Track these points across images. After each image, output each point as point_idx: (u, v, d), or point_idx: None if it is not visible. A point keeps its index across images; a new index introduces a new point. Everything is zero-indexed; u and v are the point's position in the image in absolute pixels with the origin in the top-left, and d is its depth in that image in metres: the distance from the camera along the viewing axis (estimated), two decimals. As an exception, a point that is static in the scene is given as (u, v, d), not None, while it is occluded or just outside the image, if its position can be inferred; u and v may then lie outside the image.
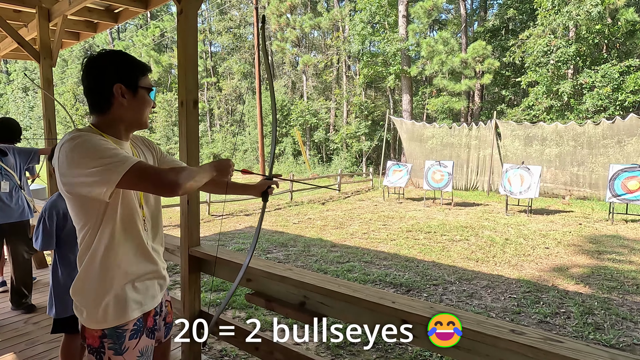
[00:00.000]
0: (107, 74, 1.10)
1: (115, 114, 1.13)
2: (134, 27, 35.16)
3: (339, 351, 2.91)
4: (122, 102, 1.11)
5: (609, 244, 6.28)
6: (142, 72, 1.15)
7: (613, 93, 13.01)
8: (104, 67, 1.10)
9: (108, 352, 1.14)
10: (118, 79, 1.10)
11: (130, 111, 1.14)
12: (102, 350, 1.14)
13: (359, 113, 21.60)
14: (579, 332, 3.27)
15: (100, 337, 1.14)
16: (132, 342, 1.17)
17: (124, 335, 1.15)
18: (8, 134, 3.42)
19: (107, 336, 1.14)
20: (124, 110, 1.13)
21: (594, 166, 10.98)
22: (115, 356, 1.15)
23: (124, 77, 1.10)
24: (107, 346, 1.14)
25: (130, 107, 1.13)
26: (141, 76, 1.15)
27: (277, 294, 1.74)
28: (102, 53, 1.13)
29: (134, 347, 1.17)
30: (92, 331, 1.14)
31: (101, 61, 1.11)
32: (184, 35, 2.04)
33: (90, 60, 1.11)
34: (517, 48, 16.26)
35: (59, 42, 3.62)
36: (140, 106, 1.16)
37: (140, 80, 1.14)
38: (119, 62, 1.12)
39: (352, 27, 20.47)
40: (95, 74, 1.10)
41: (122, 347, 1.15)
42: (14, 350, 2.47)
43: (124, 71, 1.11)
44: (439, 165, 10.46)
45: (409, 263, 5.19)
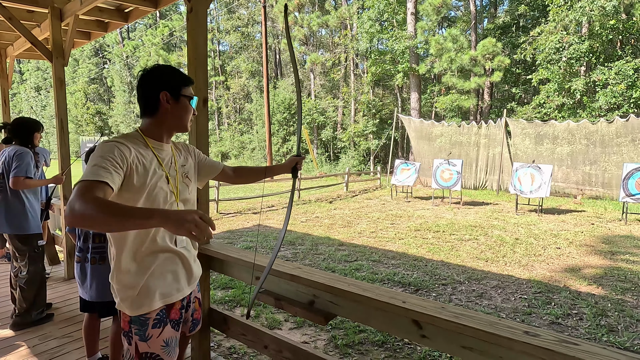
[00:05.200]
0: (156, 82, 1.29)
1: (160, 118, 1.31)
2: (143, 26, 35.49)
3: (348, 350, 2.90)
4: (166, 107, 1.30)
5: (622, 245, 6.15)
6: (185, 83, 1.33)
7: (627, 90, 12.73)
8: (154, 77, 1.30)
9: (135, 337, 1.26)
10: (164, 87, 1.28)
11: (173, 116, 1.32)
12: (130, 335, 1.27)
13: (367, 111, 21.50)
14: (592, 334, 3.21)
15: (129, 322, 1.27)
16: (155, 331, 1.27)
17: (147, 323, 1.26)
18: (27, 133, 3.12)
19: (133, 322, 1.26)
20: (168, 115, 1.31)
21: (607, 165, 10.76)
22: (140, 342, 1.26)
23: (169, 86, 1.29)
24: (134, 331, 1.26)
25: (173, 112, 1.32)
26: (184, 86, 1.33)
27: (286, 293, 1.74)
28: (154, 66, 1.32)
29: (157, 336, 1.27)
30: (124, 316, 1.28)
31: (153, 73, 1.30)
32: (193, 34, 2.05)
33: (144, 72, 1.31)
34: (528, 45, 16.01)
35: (71, 41, 3.66)
36: (182, 112, 1.33)
37: (183, 90, 1.32)
38: (166, 73, 1.31)
39: (360, 25, 20.36)
40: (147, 83, 1.30)
41: (145, 335, 1.26)
42: (28, 345, 2.51)
43: (169, 81, 1.30)
44: (448, 163, 10.36)
45: (417, 262, 5.15)
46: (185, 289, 1.38)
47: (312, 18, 23.13)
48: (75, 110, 35.20)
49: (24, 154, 2.68)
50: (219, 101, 30.34)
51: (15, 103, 42.21)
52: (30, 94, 40.96)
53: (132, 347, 1.27)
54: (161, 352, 1.28)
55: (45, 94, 39.38)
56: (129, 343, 1.28)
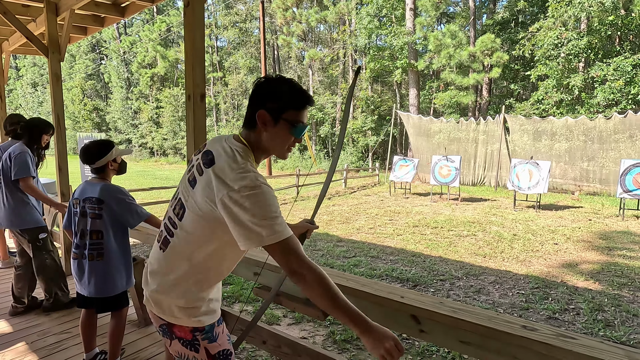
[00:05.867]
0: (258, 98, 1.12)
1: (257, 136, 1.14)
2: (140, 22, 35.24)
3: (346, 345, 2.91)
4: (262, 128, 1.12)
5: (619, 240, 6.18)
6: (293, 105, 1.11)
7: (625, 86, 12.74)
8: (259, 90, 1.13)
9: (202, 342, 1.20)
10: (263, 105, 1.10)
11: (268, 139, 1.13)
12: (196, 343, 1.20)
13: (366, 108, 21.46)
14: (589, 329, 3.24)
15: (191, 331, 1.18)
16: (220, 328, 1.25)
17: (214, 324, 1.23)
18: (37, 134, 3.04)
19: (198, 330, 1.19)
20: (263, 137, 1.13)
21: (605, 161, 10.80)
22: (210, 344, 1.21)
23: (269, 105, 1.10)
24: (200, 338, 1.19)
25: (269, 135, 1.13)
26: (290, 109, 1.11)
27: (284, 288, 1.73)
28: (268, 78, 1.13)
29: (222, 332, 1.26)
30: (183, 327, 1.18)
31: (261, 85, 1.13)
32: (190, 28, 2.03)
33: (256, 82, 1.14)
34: (527, 41, 15.97)
35: (67, 36, 3.63)
36: (277, 137, 1.13)
37: (285, 112, 1.11)
38: (272, 90, 1.12)
39: (358, 21, 20.27)
40: (253, 94, 1.14)
41: (214, 335, 1.22)
42: (26, 341, 2.51)
43: (272, 99, 1.10)
44: (446, 160, 10.37)
45: (415, 258, 5.17)
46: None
47: (310, 14, 23.01)
48: (72, 106, 35.00)
49: (22, 154, 2.70)
50: (217, 97, 30.23)
51: (11, 99, 41.92)
52: (26, 90, 40.69)
53: (200, 354, 1.20)
54: (228, 346, 1.27)
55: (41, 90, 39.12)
56: (195, 351, 1.20)
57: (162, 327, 1.22)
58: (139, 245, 5.73)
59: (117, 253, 2.08)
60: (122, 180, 14.23)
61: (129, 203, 2.08)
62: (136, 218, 2.08)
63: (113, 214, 2.05)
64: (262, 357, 2.69)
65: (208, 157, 1.10)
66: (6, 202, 2.78)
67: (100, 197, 2.03)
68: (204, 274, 1.16)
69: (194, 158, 1.19)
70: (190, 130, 2.09)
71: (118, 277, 2.09)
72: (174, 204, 1.19)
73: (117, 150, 2.13)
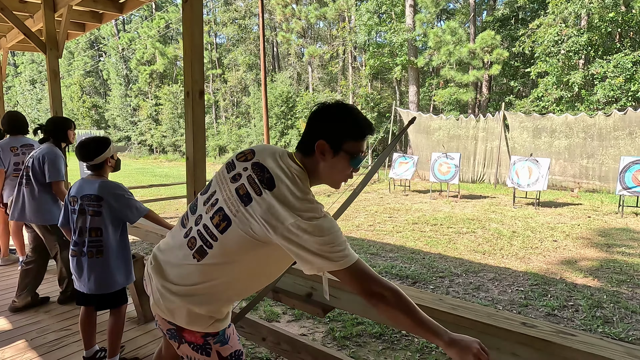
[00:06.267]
0: (319, 126, 1.09)
1: (313, 164, 1.11)
2: (139, 18, 35.07)
3: (345, 342, 2.92)
4: (319, 158, 1.09)
5: (618, 237, 6.19)
6: (354, 136, 1.08)
7: (625, 83, 12.72)
8: (320, 118, 1.10)
9: (214, 346, 1.18)
10: (323, 134, 1.07)
11: (325, 169, 1.10)
12: (207, 347, 1.17)
13: (365, 105, 21.42)
14: (588, 326, 3.25)
15: (203, 336, 1.16)
16: (230, 329, 1.24)
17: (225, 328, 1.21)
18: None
19: (210, 334, 1.17)
20: (320, 166, 1.10)
21: (604, 158, 10.80)
22: (222, 347, 1.19)
23: (330, 134, 1.07)
24: (212, 342, 1.18)
25: (327, 165, 1.09)
26: (350, 140, 1.07)
27: (283, 285, 1.73)
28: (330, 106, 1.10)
29: (233, 333, 1.25)
30: (194, 332, 1.15)
31: (322, 112, 1.10)
32: (189, 25, 2.02)
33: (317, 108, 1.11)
34: (527, 38, 15.93)
35: (64, 32, 3.61)
36: (335, 168, 1.10)
37: (346, 144, 1.07)
38: (333, 119, 1.08)
39: (358, 18, 20.19)
40: (312, 120, 1.11)
41: (225, 337, 1.20)
42: (26, 338, 2.51)
43: (333, 130, 1.07)
44: (446, 157, 10.36)
45: (415, 255, 5.17)
46: None
47: (309, 10, 22.91)
48: (71, 103, 34.88)
49: (57, 157, 2.79)
50: (216, 94, 30.16)
51: (10, 96, 41.78)
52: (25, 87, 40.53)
53: (211, 357, 1.19)
54: (239, 346, 1.26)
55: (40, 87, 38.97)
56: (206, 355, 1.18)
57: (169, 331, 1.18)
58: (138, 243, 5.73)
59: (116, 250, 2.08)
60: (121, 177, 14.21)
61: (127, 199, 2.08)
62: (136, 213, 2.08)
63: (112, 211, 2.04)
64: (262, 354, 2.69)
65: (265, 176, 1.04)
66: (35, 198, 2.84)
67: (99, 194, 2.03)
68: (236, 289, 1.16)
69: (240, 165, 1.11)
70: (189, 127, 2.08)
71: (117, 273, 2.09)
72: (213, 212, 1.10)
73: (114, 147, 2.13)
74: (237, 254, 1.07)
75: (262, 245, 1.04)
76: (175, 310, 1.12)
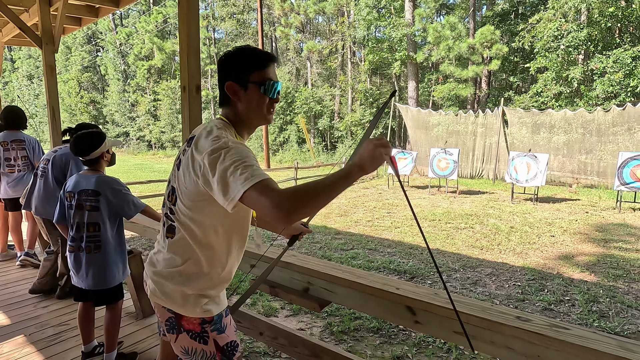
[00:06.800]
0: (222, 72, 1.14)
1: (234, 110, 1.15)
2: (136, 13, 34.80)
3: (343, 336, 2.94)
4: (235, 99, 1.13)
5: (615, 233, 6.22)
6: (256, 66, 1.12)
7: (625, 79, 12.70)
8: (221, 65, 1.15)
9: (212, 334, 1.19)
10: (229, 76, 1.12)
11: (244, 108, 1.14)
12: (205, 335, 1.19)
13: (364, 100, 21.37)
14: (584, 320, 3.27)
15: (200, 323, 1.18)
16: (227, 319, 1.24)
17: (221, 315, 1.22)
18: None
19: (207, 321, 1.18)
20: (239, 108, 1.14)
21: (603, 154, 10.81)
22: (219, 336, 1.20)
23: (234, 74, 1.12)
24: (209, 330, 1.19)
25: (244, 103, 1.13)
26: (253, 71, 1.11)
27: (281, 280, 1.74)
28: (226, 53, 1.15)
29: (230, 323, 1.25)
30: (191, 319, 1.17)
31: (221, 60, 1.15)
32: (185, 19, 2.00)
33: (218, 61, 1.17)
34: (526, 33, 15.86)
35: (60, 27, 3.58)
36: (251, 102, 1.13)
37: (251, 75, 1.11)
38: (232, 60, 1.13)
39: (357, 12, 20.07)
40: (218, 74, 1.15)
41: (222, 326, 1.21)
42: (24, 333, 2.52)
43: (233, 67, 1.12)
44: (445, 152, 10.36)
45: (413, 250, 5.19)
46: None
47: (308, 5, 22.76)
48: (69, 99, 34.71)
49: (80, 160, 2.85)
50: (215, 90, 30.01)
51: (7, 92, 41.55)
52: (22, 82, 40.29)
53: (209, 345, 1.19)
54: (235, 337, 1.25)
55: (37, 82, 38.75)
56: (204, 343, 1.18)
57: (169, 320, 1.20)
58: (137, 238, 5.74)
59: (113, 245, 2.08)
60: (120, 173, 14.18)
61: (125, 194, 2.08)
62: (133, 209, 2.08)
63: (110, 206, 2.04)
64: (260, 349, 2.71)
65: (191, 139, 1.13)
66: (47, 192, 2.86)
67: (96, 189, 2.02)
68: (210, 256, 1.15)
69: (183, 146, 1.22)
70: (186, 122, 2.07)
71: (115, 269, 2.09)
72: (168, 191, 1.22)
73: (109, 141, 2.12)
74: (193, 219, 1.11)
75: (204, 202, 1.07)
76: (170, 294, 1.16)
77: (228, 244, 1.17)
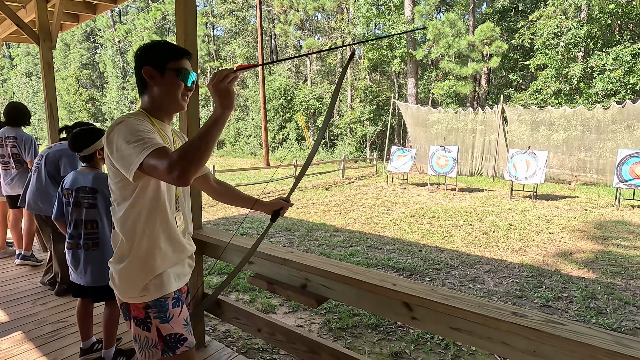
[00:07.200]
0: (140, 58, 1.22)
1: (150, 96, 1.23)
2: (135, 10, 34.65)
3: (341, 333, 2.94)
4: (152, 83, 1.21)
5: (614, 230, 6.23)
6: (174, 55, 1.22)
7: (624, 76, 12.69)
8: (139, 53, 1.23)
9: (154, 321, 1.20)
10: (147, 61, 1.20)
11: (161, 92, 1.22)
12: (148, 321, 1.20)
13: (364, 98, 21.34)
14: (581, 316, 3.28)
15: (144, 308, 1.20)
16: (175, 310, 1.23)
17: (166, 304, 1.21)
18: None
19: (150, 307, 1.20)
20: (155, 92, 1.22)
21: (602, 151, 10.82)
22: (162, 324, 1.20)
23: (151, 60, 1.20)
24: (152, 316, 1.20)
25: (160, 88, 1.22)
26: (172, 59, 1.21)
27: (278, 277, 1.74)
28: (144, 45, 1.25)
29: (178, 315, 1.24)
30: (136, 304, 1.20)
31: (140, 49, 1.24)
32: (182, 15, 1.99)
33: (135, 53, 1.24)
34: (526, 30, 15.84)
35: (57, 23, 3.56)
36: (168, 87, 1.21)
37: (170, 63, 1.20)
38: (150, 47, 1.22)
39: (356, 9, 20.00)
40: (136, 59, 1.23)
41: (167, 315, 1.21)
42: (23, 330, 2.52)
43: (152, 54, 1.21)
44: (444, 150, 10.36)
45: (412, 248, 5.20)
46: (188, 275, 1.38)
47: (308, 2, 22.67)
48: (67, 96, 34.61)
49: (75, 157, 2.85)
50: (214, 87, 29.89)
51: (5, 89, 41.42)
52: (21, 79, 40.15)
53: (151, 333, 1.20)
54: (184, 332, 1.24)
55: (36, 79, 38.63)
56: (147, 330, 1.20)
57: (121, 307, 1.24)
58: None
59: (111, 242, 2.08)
60: (119, 171, 14.15)
61: None
62: None
63: (107, 203, 2.04)
64: (258, 345, 2.72)
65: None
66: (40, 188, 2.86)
67: (94, 186, 2.02)
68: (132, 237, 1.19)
69: None
70: (183, 120, 2.06)
71: (113, 266, 2.09)
72: None
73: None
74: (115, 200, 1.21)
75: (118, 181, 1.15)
76: (114, 278, 1.22)
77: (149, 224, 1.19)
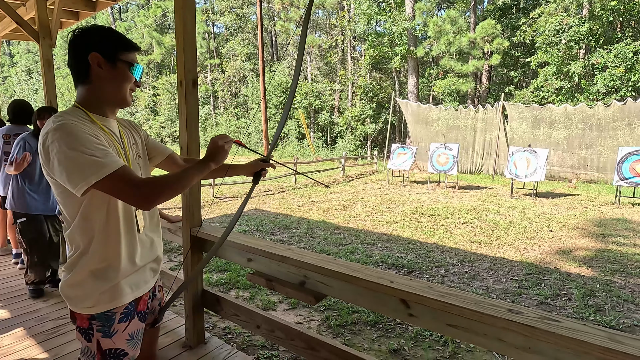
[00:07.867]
0: (85, 43, 1.08)
1: (94, 86, 1.10)
2: (135, 7, 34.56)
3: (341, 330, 2.96)
4: (99, 72, 1.09)
5: (614, 228, 6.24)
6: (126, 47, 1.12)
7: (626, 74, 12.66)
8: (82, 38, 1.09)
9: (97, 334, 1.14)
10: (94, 48, 1.08)
11: (108, 83, 1.11)
12: (90, 332, 1.14)
13: (364, 95, 21.31)
14: (580, 314, 3.29)
15: (89, 319, 1.13)
16: (121, 325, 1.16)
17: (113, 318, 1.14)
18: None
19: (95, 318, 1.13)
20: (102, 82, 1.10)
21: (603, 149, 10.80)
22: (103, 339, 1.14)
23: (101, 47, 1.08)
24: (95, 328, 1.13)
25: (108, 79, 1.10)
26: (123, 50, 1.11)
27: (277, 274, 1.75)
28: (90, 27, 1.12)
29: (123, 330, 1.17)
30: (81, 314, 1.14)
31: (83, 32, 1.10)
32: (181, 12, 1.99)
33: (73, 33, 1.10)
34: (527, 27, 15.78)
35: (57, 21, 3.56)
36: (119, 79, 1.11)
37: (120, 54, 1.11)
38: (98, 33, 1.10)
39: (357, 6, 19.93)
40: (75, 45, 1.09)
41: (110, 330, 1.14)
42: (24, 326, 2.54)
43: (101, 41, 1.09)
44: (444, 147, 10.35)
45: (411, 245, 5.21)
46: (151, 281, 1.28)
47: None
48: (68, 94, 34.59)
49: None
50: (215, 85, 29.91)
51: (6, 86, 41.41)
52: (21, 77, 40.14)
53: (92, 344, 1.14)
54: (126, 347, 1.18)
55: (37, 77, 38.60)
56: (88, 340, 1.14)
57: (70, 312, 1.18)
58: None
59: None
60: (119, 168, 14.17)
61: None
62: None
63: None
64: (258, 342, 2.73)
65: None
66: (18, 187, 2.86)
67: None
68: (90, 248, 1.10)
69: None
70: (183, 117, 2.07)
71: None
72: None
73: None
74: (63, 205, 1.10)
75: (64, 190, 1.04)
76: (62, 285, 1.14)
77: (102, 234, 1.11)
